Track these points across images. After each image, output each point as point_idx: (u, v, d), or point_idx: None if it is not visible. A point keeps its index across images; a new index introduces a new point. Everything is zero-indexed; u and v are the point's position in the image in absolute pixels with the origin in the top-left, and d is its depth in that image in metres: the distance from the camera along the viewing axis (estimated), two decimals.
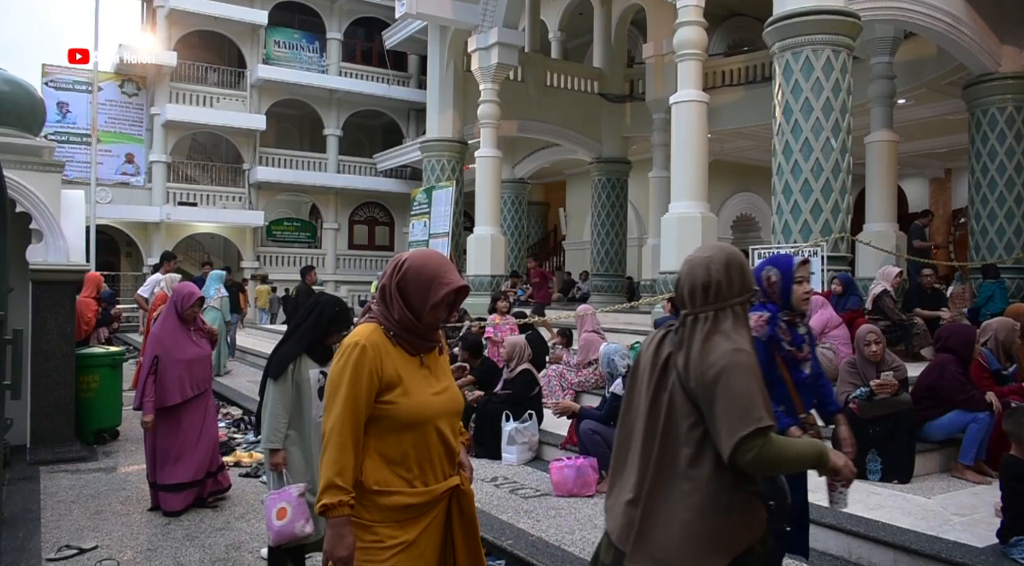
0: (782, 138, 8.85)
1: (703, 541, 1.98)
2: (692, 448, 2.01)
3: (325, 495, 2.09)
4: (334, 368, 2.19)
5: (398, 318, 2.24)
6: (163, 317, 5.20)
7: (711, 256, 2.12)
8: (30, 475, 6.06)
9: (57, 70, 22.66)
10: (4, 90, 6.76)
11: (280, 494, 3.51)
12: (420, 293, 2.23)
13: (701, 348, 2.02)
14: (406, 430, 2.20)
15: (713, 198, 12.06)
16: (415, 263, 2.26)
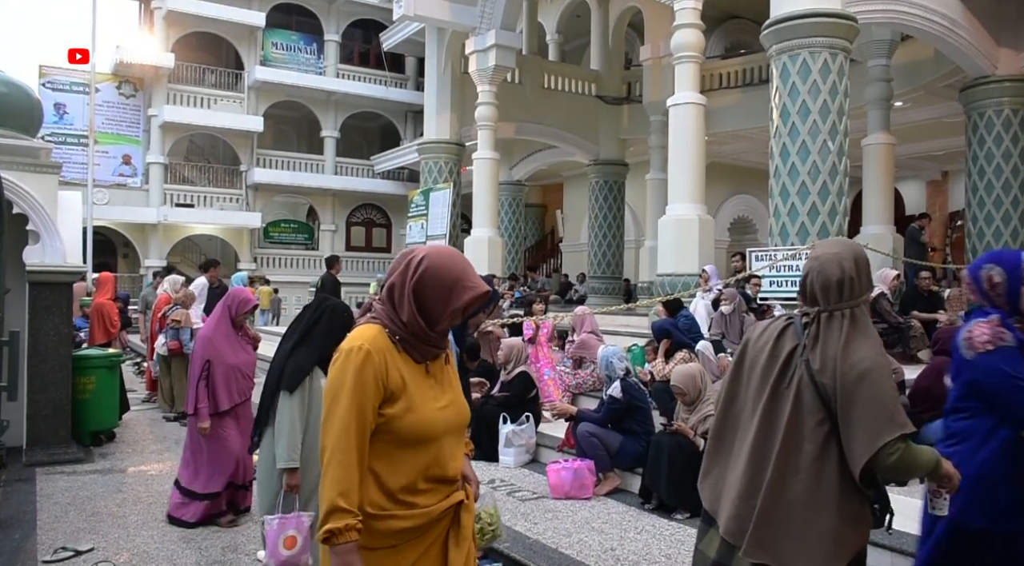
0: (779, 140, 8.87)
1: (825, 540, 2.00)
2: (816, 445, 2.02)
3: (330, 519, 1.79)
4: (333, 375, 1.92)
5: (407, 321, 1.95)
6: (215, 321, 4.97)
7: (840, 252, 2.12)
8: (26, 477, 6.04)
9: (54, 71, 22.64)
10: (1, 91, 6.75)
11: (290, 520, 3.31)
12: (439, 297, 1.95)
13: (843, 347, 2.01)
14: (407, 447, 1.93)
15: (710, 200, 12.07)
16: (435, 262, 1.96)
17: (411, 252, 2.03)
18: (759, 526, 2.03)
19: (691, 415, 5.06)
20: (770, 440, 2.06)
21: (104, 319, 9.18)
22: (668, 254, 10.27)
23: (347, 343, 1.95)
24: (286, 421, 3.44)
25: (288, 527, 3.28)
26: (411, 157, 21.71)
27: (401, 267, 1.99)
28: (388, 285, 2.01)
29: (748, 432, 2.11)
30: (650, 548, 4.26)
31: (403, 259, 2.02)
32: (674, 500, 4.91)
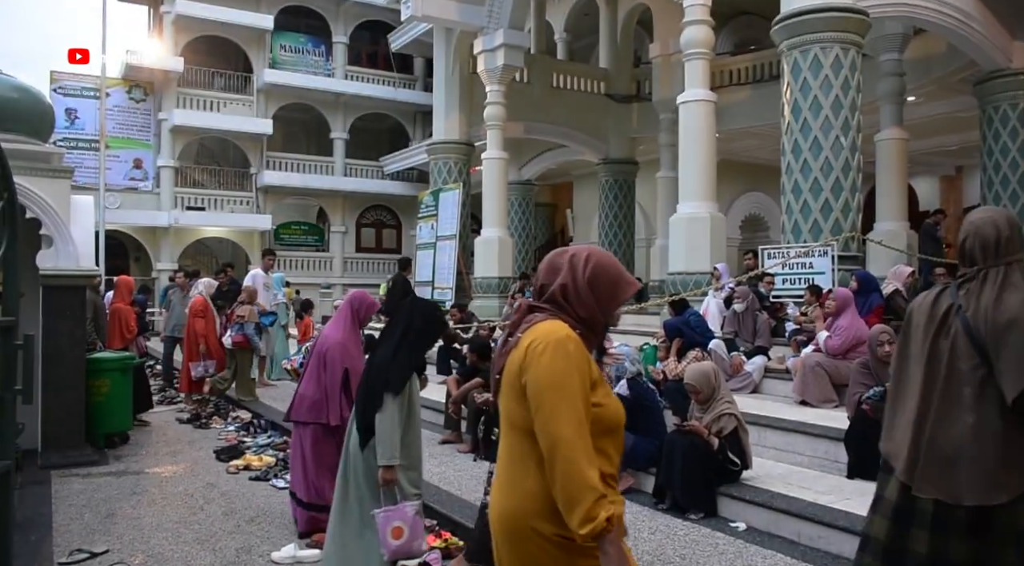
0: (791, 137, 8.81)
1: (988, 475, 2.22)
2: (974, 388, 2.26)
3: (599, 508, 1.70)
4: (548, 365, 1.81)
5: (587, 316, 1.96)
6: (344, 326, 4.71)
7: (993, 216, 2.39)
8: (41, 479, 6.07)
9: (66, 77, 22.75)
10: (13, 97, 6.78)
11: (395, 512, 3.42)
12: (609, 291, 1.99)
13: (995, 298, 2.28)
14: (608, 434, 1.93)
15: (721, 198, 12.00)
16: (601, 260, 2.01)
17: (565, 252, 2.04)
18: (927, 464, 2.31)
19: (705, 414, 5.03)
20: (933, 388, 2.33)
21: (121, 324, 9.21)
22: (679, 253, 10.22)
23: (552, 334, 1.87)
24: (388, 421, 3.51)
25: (393, 519, 3.40)
26: (420, 158, 21.72)
27: (565, 268, 1.99)
28: (559, 286, 1.98)
29: (916, 384, 2.39)
30: (664, 548, 4.23)
31: (559, 260, 2.02)
32: (688, 500, 4.87)
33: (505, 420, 1.95)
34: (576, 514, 1.71)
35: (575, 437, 1.76)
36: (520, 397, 1.86)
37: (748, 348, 7.56)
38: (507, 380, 1.91)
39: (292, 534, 4.75)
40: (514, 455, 1.91)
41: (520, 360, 1.86)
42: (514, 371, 1.88)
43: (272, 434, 7.91)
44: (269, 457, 6.80)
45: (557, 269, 2.00)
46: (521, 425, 1.87)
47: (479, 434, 6.46)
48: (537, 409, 1.80)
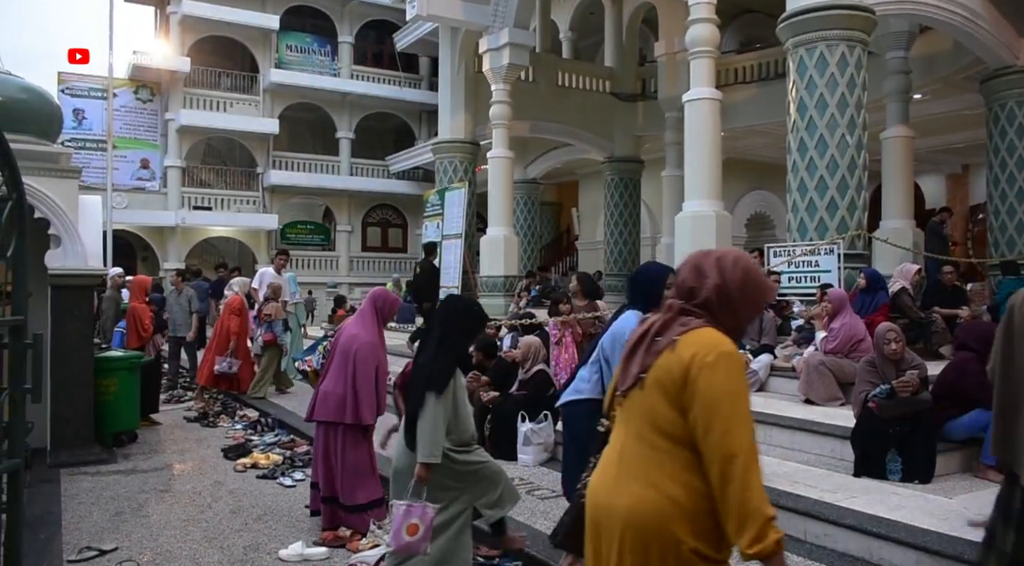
0: (797, 135, 8.80)
1: None
2: None
3: (770, 529, 1.71)
4: (724, 378, 1.80)
5: (734, 325, 1.93)
6: (370, 325, 4.78)
7: None
8: (51, 478, 6.11)
9: (73, 77, 22.83)
10: (21, 98, 6.82)
11: (415, 508, 3.45)
12: (755, 297, 1.96)
13: None
14: None
15: (727, 196, 11.98)
16: (748, 263, 1.96)
17: (709, 254, 1.99)
18: None
19: None
20: None
21: (136, 323, 9.20)
22: (685, 251, 10.17)
23: (716, 347, 1.84)
24: (430, 419, 3.53)
25: (413, 515, 3.43)
26: (426, 157, 21.74)
27: (714, 270, 1.94)
28: (713, 288, 1.93)
29: None
30: None
31: (705, 262, 1.97)
32: None
33: (646, 420, 1.90)
34: (747, 533, 1.71)
35: (750, 456, 1.75)
36: (672, 402, 1.84)
37: (754, 346, 7.56)
38: (657, 381, 1.88)
39: (299, 532, 4.78)
40: (653, 456, 1.87)
41: (681, 367, 1.83)
42: (670, 375, 1.85)
43: (279, 432, 7.94)
44: (276, 455, 6.83)
45: (704, 271, 1.95)
46: (669, 429, 1.85)
47: (485, 432, 6.47)
48: (709, 422, 1.78)
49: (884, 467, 4.98)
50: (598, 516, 1.94)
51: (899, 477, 4.95)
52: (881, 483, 4.84)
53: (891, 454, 4.99)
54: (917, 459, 4.96)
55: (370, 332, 4.75)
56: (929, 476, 4.94)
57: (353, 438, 4.68)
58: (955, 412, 5.24)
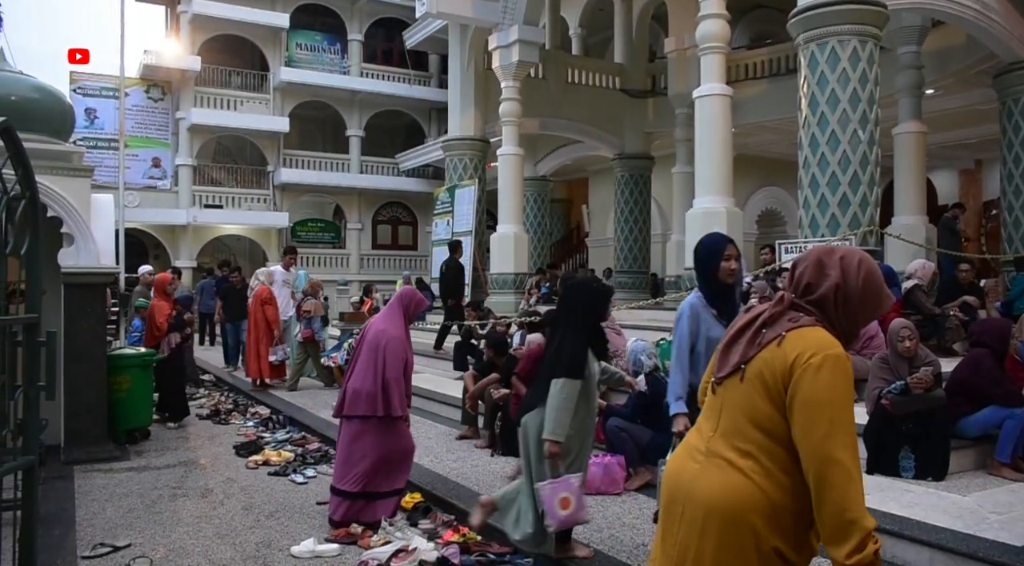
0: (808, 131, 8.75)
1: None
2: None
3: (871, 542, 1.68)
4: (829, 381, 1.74)
5: (847, 328, 1.88)
6: (397, 321, 4.96)
7: None
8: (64, 474, 6.16)
9: (85, 77, 22.96)
10: (34, 97, 6.85)
11: (559, 483, 3.60)
12: (874, 302, 1.89)
13: None
14: None
15: (738, 193, 11.95)
16: (872, 266, 1.90)
17: (834, 251, 1.93)
18: None
19: None
20: None
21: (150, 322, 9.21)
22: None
23: (831, 348, 1.79)
24: (560, 400, 3.67)
25: (560, 490, 3.56)
26: (436, 154, 21.76)
27: (836, 268, 1.88)
28: (831, 287, 1.88)
29: None
30: None
31: (828, 259, 1.91)
32: None
33: (741, 411, 1.87)
34: (847, 544, 1.68)
35: (851, 463, 1.72)
36: (772, 398, 1.81)
37: None
38: (758, 374, 1.84)
39: (311, 528, 4.80)
40: (744, 448, 1.84)
41: (785, 364, 1.79)
42: (772, 371, 1.82)
43: (291, 429, 7.97)
44: (288, 452, 6.85)
45: (826, 268, 1.89)
46: (765, 424, 1.82)
47: (496, 430, 6.48)
48: (810, 425, 1.74)
49: (897, 464, 4.95)
50: (678, 498, 1.92)
51: (912, 474, 4.93)
52: (894, 480, 4.82)
53: (904, 451, 4.97)
54: (930, 456, 4.94)
55: (398, 328, 4.92)
56: (943, 473, 4.92)
57: (386, 429, 4.80)
58: (968, 409, 5.21)
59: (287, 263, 11.10)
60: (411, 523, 4.88)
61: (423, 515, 5.00)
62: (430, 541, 4.48)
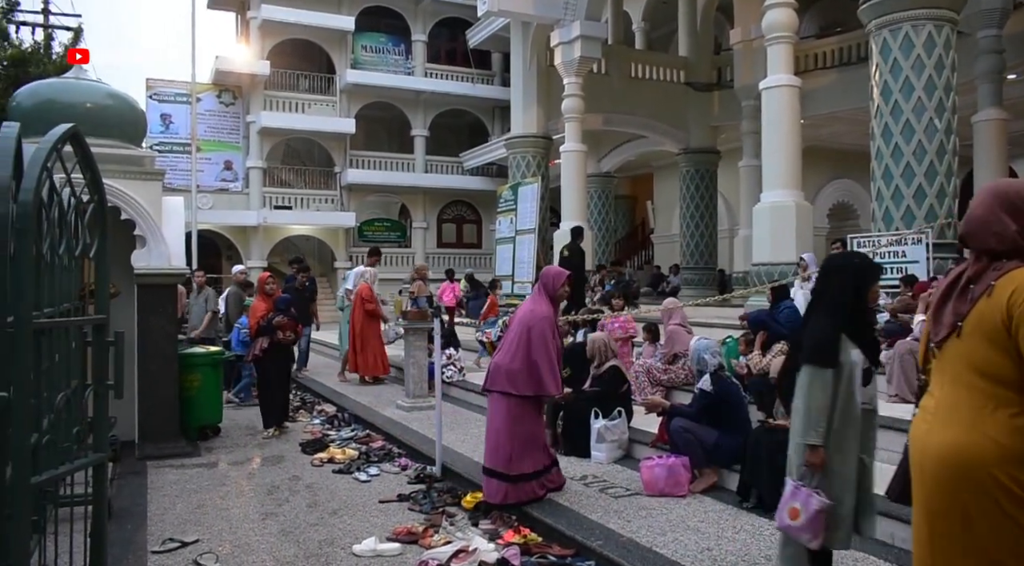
0: (881, 120, 8.44)
1: None
2: None
3: None
4: None
5: None
6: (544, 301, 5.10)
7: None
8: (138, 470, 6.34)
9: (160, 84, 23.73)
10: (108, 104, 7.07)
11: (801, 492, 3.13)
12: None
13: None
14: None
15: (808, 186, 11.62)
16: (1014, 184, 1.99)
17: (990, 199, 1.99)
18: None
19: None
20: None
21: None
22: (764, 242, 9.95)
23: None
24: (803, 394, 3.14)
25: (797, 498, 3.14)
26: (499, 153, 21.81)
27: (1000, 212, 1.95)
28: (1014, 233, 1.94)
29: None
30: (749, 548, 4.10)
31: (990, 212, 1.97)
32: (775, 499, 4.68)
33: (965, 365, 1.92)
34: None
35: None
36: (998, 345, 1.85)
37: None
38: (977, 328, 1.89)
39: (373, 527, 4.82)
40: (974, 400, 1.88)
41: (1000, 310, 1.84)
42: (991, 321, 1.86)
43: (355, 427, 8.06)
44: (352, 450, 6.92)
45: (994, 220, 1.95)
46: (994, 372, 1.86)
47: (557, 429, 6.42)
48: None
49: None
50: (916, 458, 2.00)
51: None
52: None
53: None
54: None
55: (544, 307, 5.04)
56: None
57: (524, 409, 4.92)
58: None
59: (371, 263, 11.41)
60: (472, 523, 4.87)
61: (485, 515, 4.98)
62: (491, 542, 4.45)
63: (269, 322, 7.64)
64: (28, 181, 2.57)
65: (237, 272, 11.06)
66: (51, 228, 3.01)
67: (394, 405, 8.70)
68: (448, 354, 9.17)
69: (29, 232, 2.52)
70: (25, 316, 2.54)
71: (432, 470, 6.08)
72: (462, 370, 9.41)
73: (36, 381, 2.76)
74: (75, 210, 3.31)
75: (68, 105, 6.73)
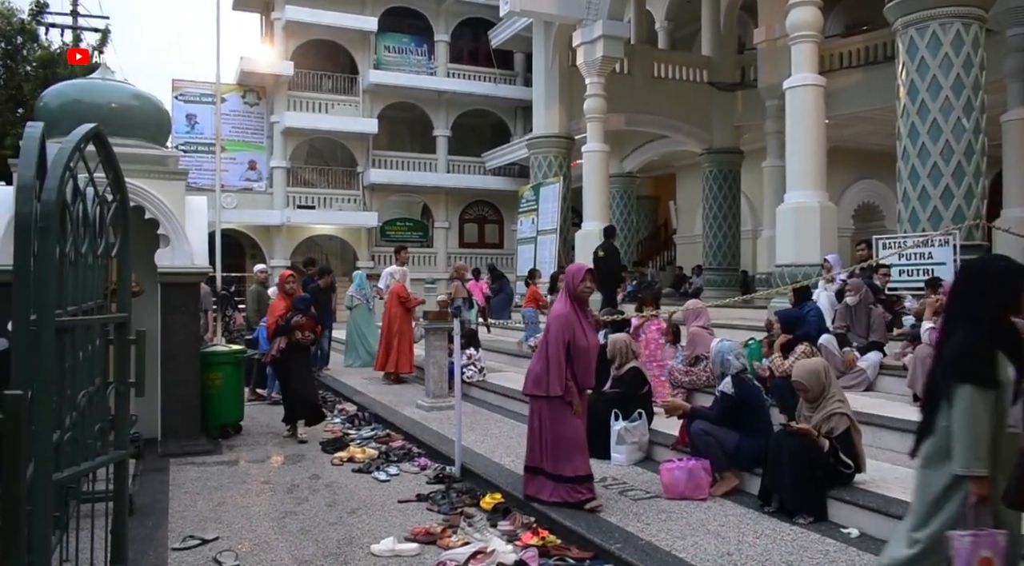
0: (907, 120, 8.33)
1: None
2: None
3: None
4: None
5: None
6: (562, 299, 5.06)
7: None
8: (160, 467, 6.40)
9: (186, 84, 23.96)
10: (133, 104, 7.15)
11: (983, 538, 2.65)
12: None
13: None
14: None
15: (833, 187, 11.49)
16: None
17: None
18: None
19: (814, 413, 4.79)
20: None
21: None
22: (787, 244, 9.85)
23: None
24: (961, 416, 2.68)
25: (982, 546, 2.65)
26: (521, 153, 21.79)
27: None
28: None
29: None
30: (770, 553, 4.06)
31: None
32: (796, 503, 4.65)
33: None
34: None
35: None
36: None
37: (861, 343, 7.20)
38: None
39: (392, 527, 4.83)
40: None
41: None
42: None
43: (376, 427, 8.08)
44: (372, 450, 6.94)
45: None
46: None
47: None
48: None
49: None
50: None
51: None
52: None
53: None
54: None
55: (559, 305, 5.03)
56: None
57: (555, 411, 4.90)
58: None
59: (403, 259, 11.52)
60: (491, 524, 4.86)
61: (503, 516, 4.96)
62: (509, 543, 4.44)
63: (288, 321, 7.43)
64: (51, 181, 2.59)
65: (258, 271, 11.16)
66: (75, 227, 3.05)
67: (414, 405, 8.71)
68: (468, 354, 9.16)
69: (52, 231, 2.53)
70: (48, 314, 2.56)
71: (451, 470, 6.08)
72: (482, 370, 9.41)
73: (60, 379, 2.79)
74: (98, 209, 3.34)
75: (94, 105, 6.81)
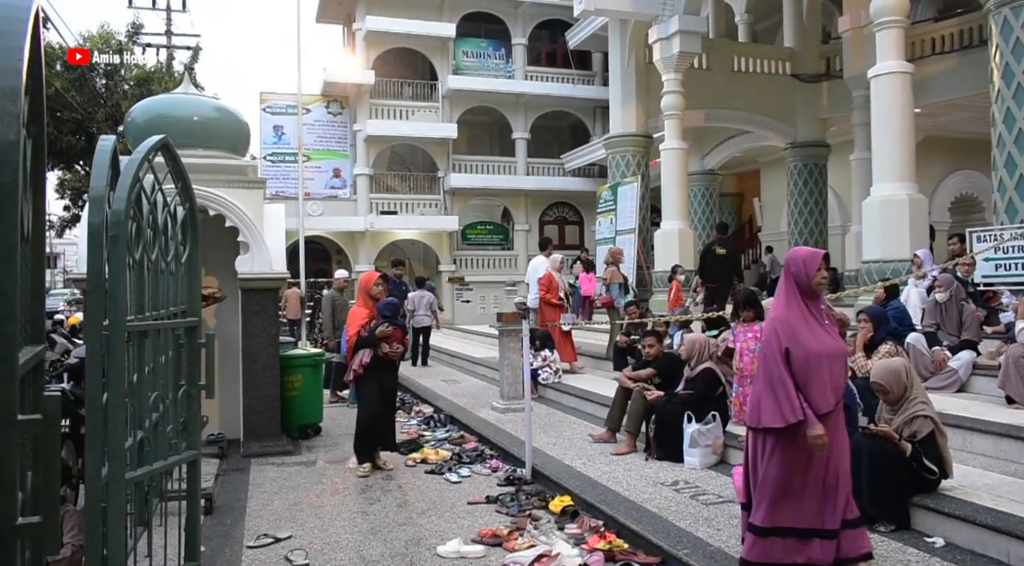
0: (1002, 105, 7.88)
1: None
2: None
3: None
4: None
5: None
6: (781, 298, 3.79)
7: None
8: (242, 467, 6.61)
9: (273, 96, 24.75)
10: (214, 117, 7.43)
11: None
12: None
13: None
14: None
15: (927, 178, 10.98)
16: None
17: None
18: None
19: (895, 416, 4.56)
20: None
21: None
22: (874, 239, 9.46)
23: None
24: None
25: None
26: (600, 153, 21.63)
27: None
28: None
29: None
30: None
31: None
32: (876, 510, 4.42)
33: None
34: None
35: None
36: None
37: (953, 342, 6.83)
38: None
39: (459, 528, 4.84)
40: None
41: None
42: None
43: (450, 428, 8.14)
44: (445, 451, 6.99)
45: None
46: None
47: (649, 433, 6.27)
48: None
49: None
50: None
51: None
52: None
53: None
54: None
55: (777, 306, 3.81)
56: None
57: (768, 444, 3.68)
58: None
59: (549, 252, 11.61)
60: (558, 527, 4.82)
61: (571, 519, 4.92)
62: (575, 547, 4.39)
63: (371, 332, 6.36)
64: (120, 190, 2.69)
65: (339, 277, 11.30)
66: (156, 235, 3.18)
67: (489, 406, 8.74)
68: (543, 356, 9.13)
69: (121, 239, 2.63)
70: (119, 319, 2.66)
71: (522, 472, 6.06)
72: (558, 372, 9.35)
73: (138, 382, 2.90)
74: (171, 217, 3.47)
75: (177, 119, 7.11)
